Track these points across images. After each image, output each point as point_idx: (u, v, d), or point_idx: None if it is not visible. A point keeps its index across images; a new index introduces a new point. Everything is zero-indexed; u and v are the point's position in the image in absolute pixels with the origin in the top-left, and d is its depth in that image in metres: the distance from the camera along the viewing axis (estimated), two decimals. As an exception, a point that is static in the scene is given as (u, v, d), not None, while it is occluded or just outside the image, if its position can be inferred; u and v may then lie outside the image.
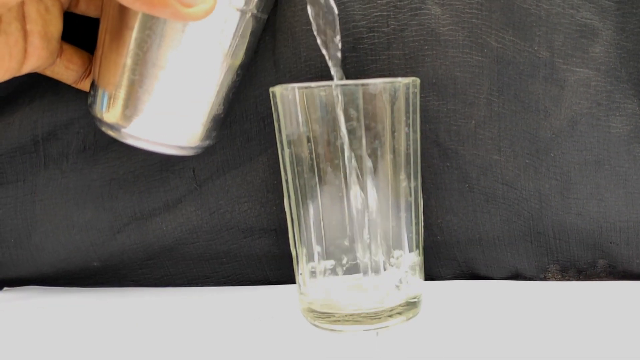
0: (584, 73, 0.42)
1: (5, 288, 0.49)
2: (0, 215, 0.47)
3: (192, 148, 0.40)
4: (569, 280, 0.46)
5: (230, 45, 0.38)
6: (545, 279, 0.46)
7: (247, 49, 0.39)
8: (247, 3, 0.37)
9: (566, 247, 0.45)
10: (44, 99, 0.46)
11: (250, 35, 0.39)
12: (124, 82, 0.37)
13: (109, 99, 0.37)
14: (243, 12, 0.37)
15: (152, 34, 0.36)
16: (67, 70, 0.41)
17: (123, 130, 0.38)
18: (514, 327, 0.37)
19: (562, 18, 0.41)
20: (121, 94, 0.37)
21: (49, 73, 0.41)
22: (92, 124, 0.45)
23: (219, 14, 0.36)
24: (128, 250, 0.47)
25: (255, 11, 0.38)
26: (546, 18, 0.41)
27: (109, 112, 0.38)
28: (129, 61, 0.37)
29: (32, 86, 0.46)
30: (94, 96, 0.39)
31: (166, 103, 0.37)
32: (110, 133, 0.38)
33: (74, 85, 0.42)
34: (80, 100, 0.45)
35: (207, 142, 0.40)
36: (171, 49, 0.36)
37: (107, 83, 0.38)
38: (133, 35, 0.36)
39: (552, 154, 0.43)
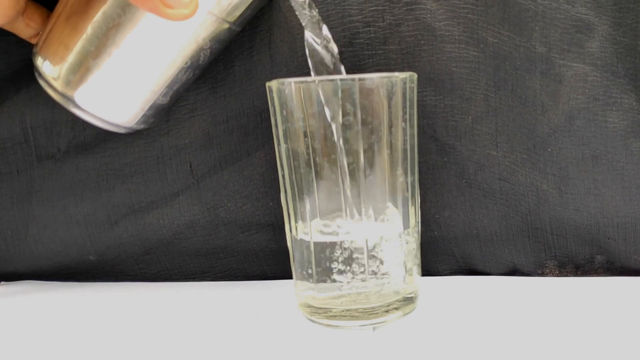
0: (581, 68, 0.42)
1: (2, 283, 0.49)
2: None
3: (124, 127, 0.40)
4: (566, 276, 0.46)
5: (194, 48, 0.38)
6: (542, 274, 0.46)
7: (211, 54, 0.39)
8: (227, 14, 0.37)
9: (564, 242, 0.45)
10: (30, 86, 0.46)
11: (217, 42, 0.39)
12: (78, 49, 0.37)
13: (57, 58, 0.37)
14: (219, 21, 0.37)
15: (122, 14, 0.36)
16: (26, 27, 0.40)
17: (60, 91, 0.38)
18: (511, 323, 0.37)
19: (557, 13, 0.41)
20: (71, 58, 0.37)
21: (8, 28, 0.40)
22: None
23: (195, 18, 0.36)
24: (125, 243, 0.47)
25: (231, 22, 0.38)
26: (542, 13, 0.41)
27: (54, 73, 0.37)
28: (89, 31, 0.36)
29: (17, 74, 0.46)
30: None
31: (112, 82, 0.37)
32: (46, 88, 0.38)
33: (28, 39, 0.41)
34: None
35: (141, 126, 0.40)
36: (135, 35, 0.36)
37: (60, 43, 0.37)
38: (103, 8, 0.36)
39: (549, 149, 0.43)
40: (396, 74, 0.36)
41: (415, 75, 0.37)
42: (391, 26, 0.42)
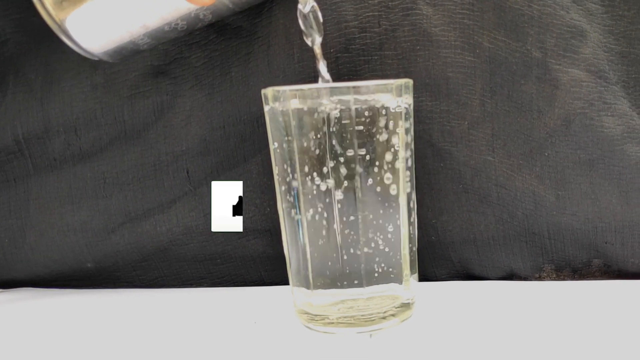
0: (576, 73, 0.42)
1: (-1, 290, 0.50)
2: None
3: (92, 54, 0.40)
4: (563, 279, 0.46)
5: (193, 15, 0.38)
6: (540, 278, 0.46)
7: (208, 24, 0.40)
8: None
9: (561, 247, 0.45)
10: (16, 96, 0.46)
11: (216, 16, 0.39)
12: None
13: None
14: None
15: None
16: None
17: (50, 10, 0.38)
18: (509, 327, 0.37)
19: (553, 19, 0.41)
20: None
21: None
22: (71, 121, 0.45)
23: None
24: (122, 250, 0.47)
25: (234, 3, 0.39)
26: (538, 18, 0.41)
27: None
28: None
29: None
30: None
31: (104, 16, 0.38)
32: (36, 2, 0.38)
33: None
34: (54, 97, 0.46)
35: (108, 59, 0.41)
36: None
37: None
38: None
39: (546, 154, 0.43)
40: (392, 81, 0.36)
41: (410, 82, 0.37)
42: (387, 32, 0.42)
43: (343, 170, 0.35)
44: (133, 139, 0.46)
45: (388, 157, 0.36)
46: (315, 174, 0.36)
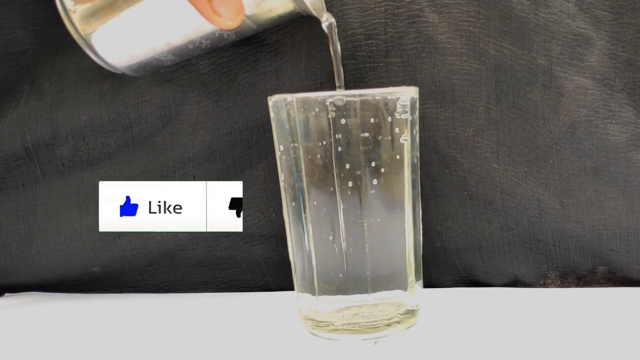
0: (581, 81, 0.42)
1: (6, 294, 0.50)
2: (2, 220, 0.48)
3: (116, 68, 0.41)
4: (568, 286, 0.46)
5: (217, 34, 0.39)
6: (544, 285, 0.46)
7: (232, 43, 0.40)
8: (255, 18, 0.39)
9: (566, 254, 0.45)
10: (29, 103, 0.46)
11: (239, 36, 0.40)
12: None
13: None
14: (245, 20, 0.38)
15: None
16: None
17: (77, 26, 0.38)
18: (513, 334, 0.37)
19: (559, 26, 0.42)
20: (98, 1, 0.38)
21: None
22: (79, 128, 0.46)
23: None
24: (128, 255, 0.47)
25: (256, 24, 0.39)
26: (544, 26, 0.42)
27: (75, 6, 0.38)
28: None
29: (14, 88, 0.47)
30: None
31: (125, 29, 0.38)
32: (64, 18, 0.38)
33: None
34: (63, 104, 0.46)
35: (132, 73, 0.41)
36: (166, 5, 0.37)
37: None
38: None
39: (551, 161, 0.43)
40: (397, 88, 0.36)
41: (416, 90, 0.37)
42: (393, 39, 0.42)
43: (349, 177, 0.35)
44: (140, 146, 0.46)
45: (393, 163, 0.36)
46: (320, 180, 0.36)
